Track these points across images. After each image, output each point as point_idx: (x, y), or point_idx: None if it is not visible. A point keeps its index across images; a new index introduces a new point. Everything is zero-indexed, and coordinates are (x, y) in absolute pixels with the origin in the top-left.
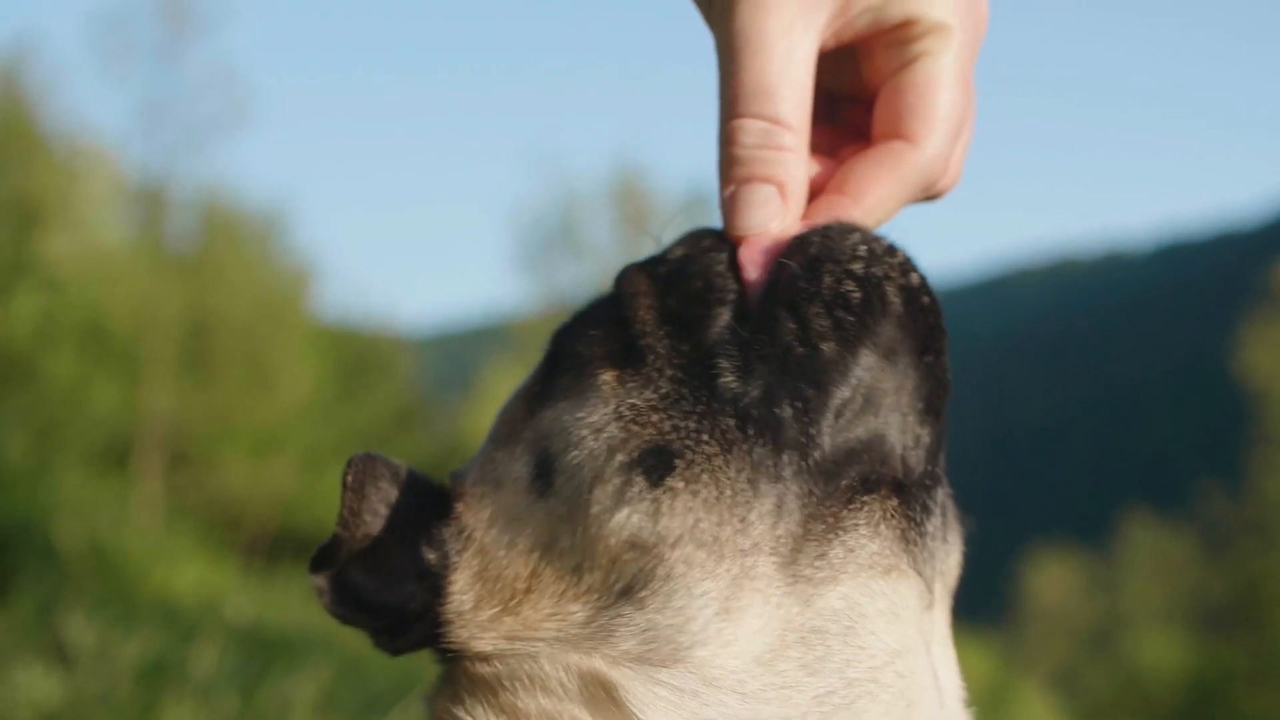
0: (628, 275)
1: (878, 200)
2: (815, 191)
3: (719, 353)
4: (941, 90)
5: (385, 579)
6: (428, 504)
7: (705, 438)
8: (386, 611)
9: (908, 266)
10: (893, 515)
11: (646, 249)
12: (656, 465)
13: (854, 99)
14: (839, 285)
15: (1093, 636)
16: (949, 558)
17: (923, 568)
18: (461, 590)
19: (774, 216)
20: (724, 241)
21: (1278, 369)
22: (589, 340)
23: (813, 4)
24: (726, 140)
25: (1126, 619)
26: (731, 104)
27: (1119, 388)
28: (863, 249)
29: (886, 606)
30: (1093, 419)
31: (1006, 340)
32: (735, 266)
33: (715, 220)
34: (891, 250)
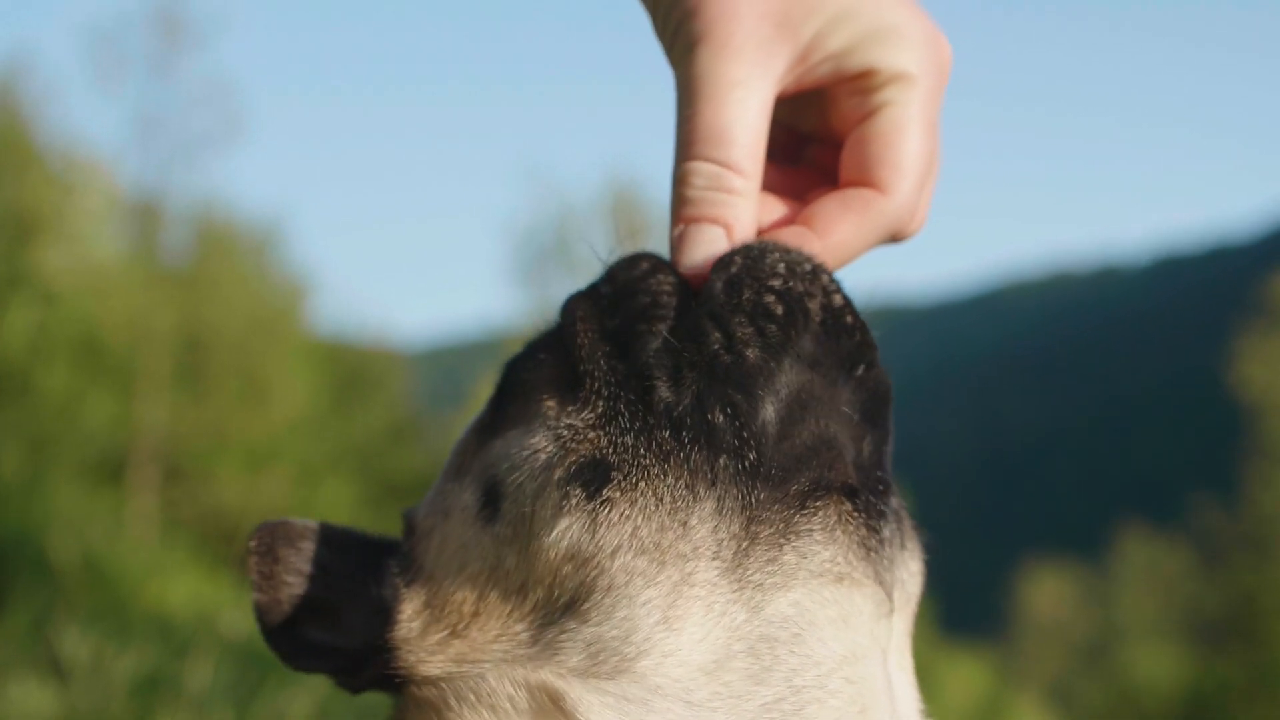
0: (570, 303)
1: (843, 240)
2: (782, 227)
3: (654, 365)
4: (908, 139)
5: (339, 628)
6: (367, 555)
7: (642, 451)
8: (344, 654)
9: (830, 287)
10: (848, 520)
11: (592, 274)
12: (593, 478)
13: (821, 140)
14: (760, 298)
15: (1088, 649)
16: (908, 564)
17: (883, 575)
18: (410, 618)
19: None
20: (666, 263)
21: (1273, 382)
22: (534, 369)
23: (771, 52)
24: (679, 181)
25: (1122, 632)
26: (686, 146)
27: (1114, 401)
28: (781, 266)
29: (837, 614)
30: (1088, 432)
31: (1001, 354)
32: (679, 286)
33: None
34: (815, 270)
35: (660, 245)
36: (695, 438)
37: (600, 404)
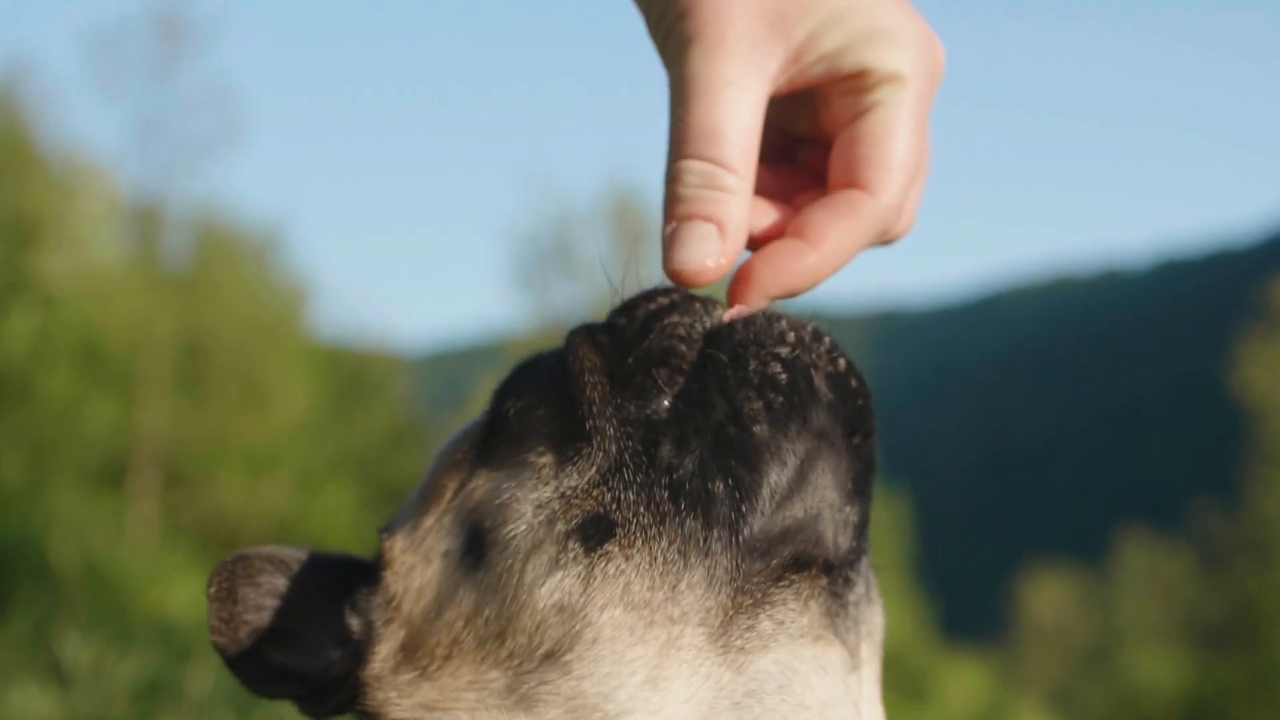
0: (576, 348)
1: (835, 247)
2: (774, 237)
3: (661, 424)
4: (897, 140)
5: (304, 652)
6: (336, 577)
7: (641, 509)
8: (308, 679)
9: (835, 352)
10: (820, 593)
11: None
12: (595, 533)
13: (813, 141)
14: (766, 369)
15: (1089, 654)
16: (874, 618)
17: (846, 636)
18: (384, 658)
19: (711, 254)
20: (685, 301)
21: (1274, 386)
22: (534, 418)
23: (764, 51)
24: (671, 179)
25: (1123, 636)
26: (678, 145)
27: (1115, 406)
28: (790, 335)
29: (817, 665)
30: (1089, 437)
31: (1003, 358)
32: (695, 328)
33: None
34: (817, 335)
35: (660, 250)
36: (692, 505)
37: (606, 460)
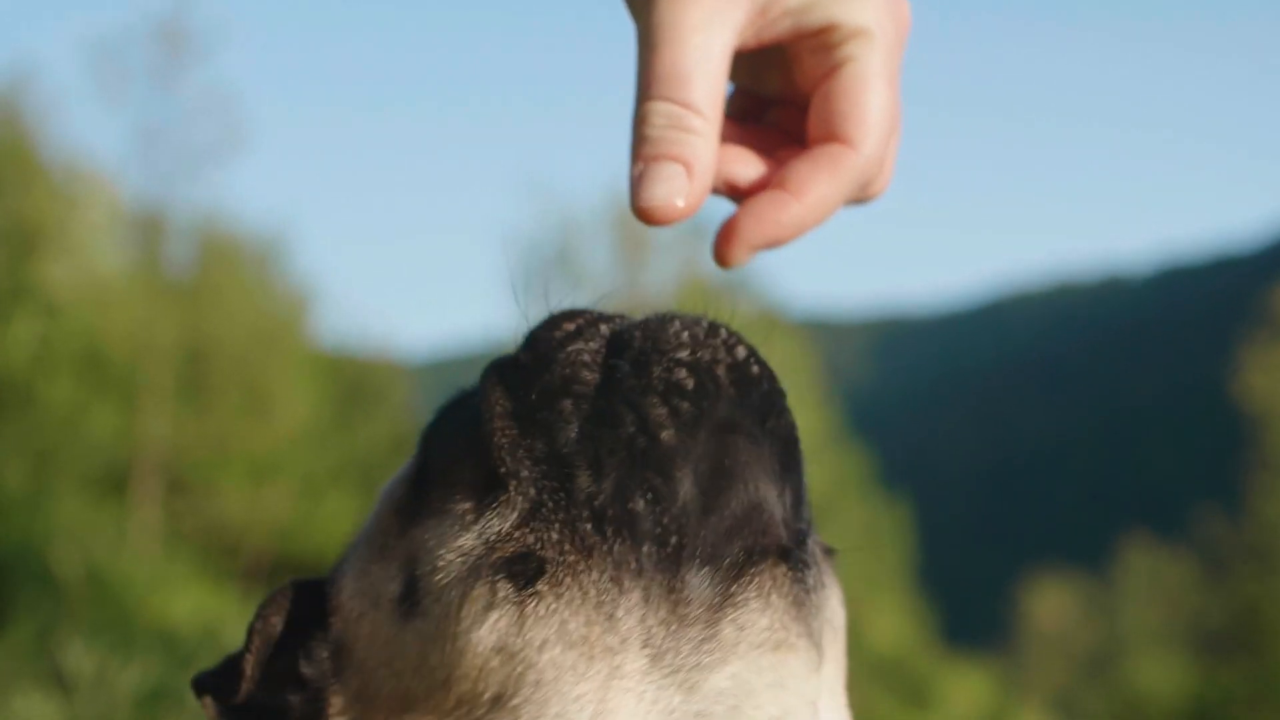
0: (488, 392)
1: (818, 198)
2: (760, 188)
3: (573, 454)
4: (872, 95)
5: (265, 681)
6: (304, 607)
7: (566, 546)
8: (268, 714)
9: (732, 341)
10: (783, 581)
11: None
12: (523, 571)
13: (784, 101)
14: (669, 375)
15: (1091, 661)
16: (830, 600)
17: (812, 626)
18: (340, 711)
19: (679, 192)
20: (589, 325)
21: (1276, 392)
22: (456, 465)
23: (730, 3)
24: (639, 121)
25: (1125, 643)
26: (645, 88)
27: (1117, 412)
28: (685, 335)
29: (774, 679)
30: (1091, 443)
31: (1005, 365)
32: (602, 351)
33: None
34: (714, 329)
35: (663, 256)
36: (618, 529)
37: (526, 503)
